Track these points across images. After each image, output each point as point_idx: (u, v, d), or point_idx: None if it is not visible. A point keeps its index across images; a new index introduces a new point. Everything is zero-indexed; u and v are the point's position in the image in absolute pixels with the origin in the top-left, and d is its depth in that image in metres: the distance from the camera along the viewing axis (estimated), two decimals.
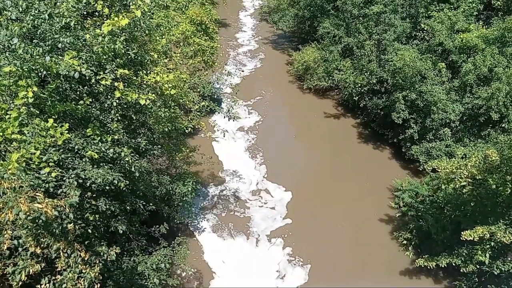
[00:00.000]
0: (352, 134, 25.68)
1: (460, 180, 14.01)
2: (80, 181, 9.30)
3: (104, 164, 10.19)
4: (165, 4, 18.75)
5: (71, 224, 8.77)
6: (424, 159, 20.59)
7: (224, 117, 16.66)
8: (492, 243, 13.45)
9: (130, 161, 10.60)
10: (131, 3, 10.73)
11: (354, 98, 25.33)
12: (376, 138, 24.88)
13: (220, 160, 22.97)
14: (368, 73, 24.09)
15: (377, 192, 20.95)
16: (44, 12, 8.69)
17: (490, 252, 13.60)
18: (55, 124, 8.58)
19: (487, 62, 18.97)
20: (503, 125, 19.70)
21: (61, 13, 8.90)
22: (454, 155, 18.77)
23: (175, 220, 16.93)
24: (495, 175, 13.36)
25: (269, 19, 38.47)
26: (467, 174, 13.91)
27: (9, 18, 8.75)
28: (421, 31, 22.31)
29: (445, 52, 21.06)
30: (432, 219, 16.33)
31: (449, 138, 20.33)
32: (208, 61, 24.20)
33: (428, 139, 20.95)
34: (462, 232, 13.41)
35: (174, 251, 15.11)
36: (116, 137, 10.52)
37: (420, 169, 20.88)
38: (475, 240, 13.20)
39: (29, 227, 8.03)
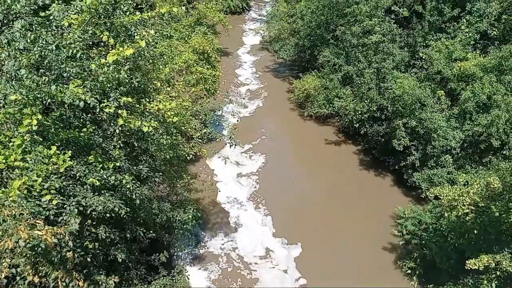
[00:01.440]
0: (353, 161, 25.68)
1: (463, 207, 13.91)
2: (81, 208, 9.27)
3: (105, 191, 10.18)
4: (168, 34, 19.25)
5: (70, 252, 8.68)
6: (426, 186, 20.49)
7: (226, 144, 16.75)
8: (498, 272, 13.20)
9: (132, 188, 10.60)
10: (136, 34, 11.02)
11: (355, 125, 25.50)
12: (377, 165, 24.86)
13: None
14: (368, 100, 24.35)
15: (380, 220, 20.74)
16: (52, 43, 8.93)
17: (496, 282, 13.31)
18: (58, 152, 8.64)
19: (485, 89, 19.20)
20: (504, 152, 19.73)
21: (68, 44, 9.13)
22: (456, 182, 18.70)
23: (176, 248, 16.72)
24: (498, 203, 13.27)
25: (270, 48, 39.24)
26: (470, 201, 13.82)
27: (16, 48, 8.98)
28: (419, 60, 22.71)
29: (444, 80, 21.36)
30: (436, 248, 16.09)
31: (450, 165, 20.31)
32: (210, 89, 24.54)
33: (430, 166, 20.93)
34: (466, 261, 13.18)
35: (174, 280, 14.84)
36: (118, 164, 10.56)
37: (423, 196, 20.74)
38: (480, 269, 12.96)
39: (28, 255, 7.95)
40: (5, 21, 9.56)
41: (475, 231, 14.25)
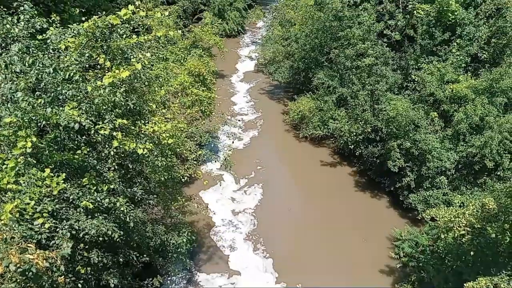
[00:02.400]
0: (349, 183, 25.64)
1: (459, 229, 13.85)
2: (74, 232, 9.12)
3: (98, 214, 10.04)
4: (164, 57, 19.49)
5: (62, 277, 8.48)
6: (422, 207, 20.45)
7: (221, 165, 16.71)
8: None
9: (126, 211, 10.47)
10: (132, 57, 11.13)
11: (350, 146, 25.60)
12: (373, 187, 24.84)
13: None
14: (363, 122, 24.55)
15: (376, 242, 20.56)
16: (49, 66, 8.98)
17: None
18: (52, 174, 8.56)
19: (478, 111, 19.47)
20: (499, 173, 19.85)
21: (65, 67, 9.19)
22: (452, 204, 18.70)
23: (170, 273, 16.40)
24: (494, 224, 13.23)
25: (265, 71, 39.73)
26: (466, 223, 13.78)
27: (13, 71, 9.02)
28: (412, 82, 23.06)
29: (437, 102, 21.65)
30: (433, 270, 15.92)
31: (445, 186, 20.34)
32: (206, 110, 24.66)
33: (425, 187, 20.95)
34: (465, 284, 13.02)
35: None
36: (112, 186, 10.46)
37: (419, 218, 20.63)
38: None
39: (18, 280, 7.75)
40: (3, 45, 9.64)
41: (472, 253, 14.14)
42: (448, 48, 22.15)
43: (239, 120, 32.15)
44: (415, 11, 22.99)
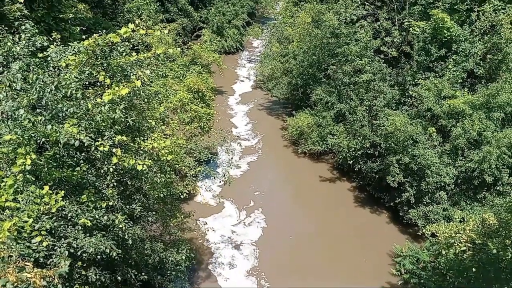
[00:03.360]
0: (348, 198, 25.55)
1: (460, 245, 13.76)
2: (72, 250, 9.03)
3: (97, 231, 9.96)
4: (164, 74, 19.60)
5: None
6: (422, 223, 20.35)
7: (220, 181, 16.65)
8: None
9: (124, 228, 10.39)
10: (131, 74, 11.21)
11: (349, 162, 25.61)
12: (372, 202, 24.74)
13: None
14: (361, 137, 24.62)
15: (377, 258, 20.37)
16: (50, 84, 9.04)
17: None
18: (50, 191, 8.52)
19: (475, 126, 19.57)
20: (498, 188, 19.83)
21: (66, 84, 9.25)
22: (452, 219, 18.60)
23: None
24: (495, 240, 13.15)
25: (263, 87, 40.01)
26: (467, 238, 13.70)
27: (14, 88, 9.07)
28: (409, 98, 23.23)
29: (434, 117, 21.76)
30: (435, 287, 15.73)
31: (445, 201, 20.30)
32: (205, 127, 24.74)
33: (425, 202, 20.88)
34: None
35: None
36: (110, 203, 10.41)
37: (420, 234, 20.51)
38: None
39: None
40: (4, 63, 9.72)
41: (474, 269, 14.02)
42: (445, 64, 22.38)
43: (238, 136, 32.21)
44: (411, 28, 23.33)
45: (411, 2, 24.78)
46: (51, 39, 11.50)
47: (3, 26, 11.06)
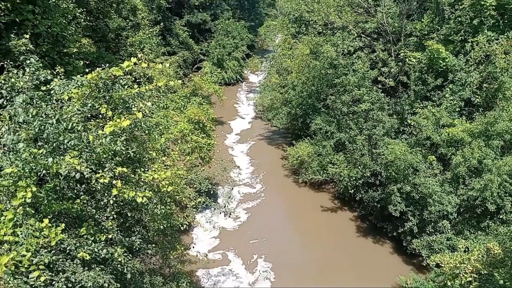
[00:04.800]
0: (350, 228, 25.24)
1: (465, 275, 13.48)
2: (70, 285, 8.84)
3: (95, 265, 9.78)
4: (165, 105, 19.83)
5: None
6: (426, 253, 20.01)
7: (220, 212, 16.53)
8: None
9: (123, 261, 10.21)
10: (133, 106, 11.34)
11: (350, 191, 25.47)
12: (375, 232, 24.41)
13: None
14: (362, 166, 24.61)
15: None
16: (52, 117, 9.15)
17: None
18: (50, 224, 8.45)
19: (475, 154, 19.60)
20: (501, 216, 19.64)
21: (68, 117, 9.35)
22: (456, 249, 18.28)
23: None
24: (501, 270, 12.90)
25: (263, 117, 40.40)
26: (472, 269, 13.43)
27: (16, 121, 9.17)
28: (408, 126, 23.40)
29: (434, 146, 21.84)
30: None
31: (449, 230, 20.05)
32: (205, 157, 24.78)
33: (428, 232, 20.61)
34: None
35: None
36: (110, 236, 10.28)
37: (424, 264, 20.13)
38: None
39: None
40: (8, 97, 9.86)
41: None
42: (442, 93, 22.70)
43: (238, 167, 32.18)
44: (407, 59, 23.82)
45: (406, 34, 25.41)
46: (55, 73, 11.72)
47: (8, 60, 11.31)
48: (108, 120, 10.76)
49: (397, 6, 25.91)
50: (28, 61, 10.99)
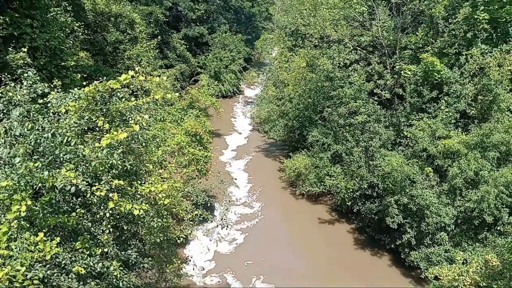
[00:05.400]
0: (348, 241, 25.11)
1: None
2: None
3: (90, 279, 9.66)
4: (162, 118, 19.85)
5: None
6: (424, 265, 19.91)
7: (217, 225, 16.42)
8: None
9: (119, 275, 10.09)
10: (130, 118, 11.35)
11: (347, 203, 25.43)
12: (373, 244, 24.30)
13: None
14: (359, 178, 24.62)
15: None
16: (48, 131, 9.14)
17: None
18: (45, 238, 8.36)
19: (471, 166, 19.67)
20: (499, 228, 19.63)
21: (64, 131, 9.35)
22: (454, 261, 18.20)
23: None
24: (500, 282, 12.83)
25: (260, 129, 40.51)
26: (470, 281, 13.37)
27: (12, 135, 9.15)
28: (404, 138, 23.51)
29: (430, 157, 21.91)
30: None
31: (446, 242, 19.99)
32: (202, 169, 24.72)
33: (426, 244, 20.54)
34: None
35: None
36: (105, 250, 10.17)
37: (422, 276, 20.02)
38: None
39: None
40: (5, 111, 9.86)
41: None
42: (437, 105, 22.88)
43: (235, 179, 32.10)
44: (402, 72, 24.06)
45: (401, 47, 25.71)
46: (52, 86, 11.75)
47: (6, 73, 11.34)
48: (105, 133, 10.76)
49: (392, 20, 26.28)
50: (25, 75, 11.03)
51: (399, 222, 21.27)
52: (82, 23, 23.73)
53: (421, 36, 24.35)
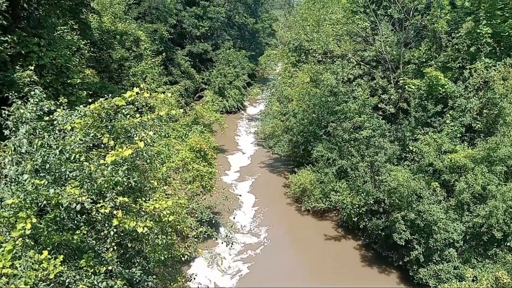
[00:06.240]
0: (355, 257, 24.73)
1: None
2: None
3: None
4: (166, 134, 19.92)
5: None
6: (433, 283, 19.54)
7: (222, 242, 16.25)
8: None
9: None
10: (135, 135, 11.37)
11: (353, 219, 25.14)
12: (380, 261, 23.91)
13: None
14: (365, 193, 24.40)
15: None
16: (55, 148, 9.16)
17: None
18: (49, 256, 8.29)
19: (479, 180, 19.44)
20: (508, 244, 19.27)
21: (70, 148, 9.37)
22: (464, 278, 17.87)
23: None
24: None
25: (265, 145, 40.48)
26: None
27: (19, 152, 9.18)
28: (410, 153, 23.36)
29: (437, 172, 21.70)
30: None
31: (455, 259, 19.63)
32: (207, 186, 24.63)
33: (435, 260, 20.18)
34: None
35: None
36: (110, 267, 10.06)
37: None
38: None
39: None
40: (13, 129, 9.92)
41: None
42: (442, 120, 22.78)
43: (240, 195, 31.95)
44: (406, 86, 24.07)
45: (405, 61, 25.81)
46: (58, 103, 11.83)
47: (13, 91, 11.45)
48: (110, 150, 10.77)
49: (395, 35, 26.45)
50: (32, 92, 11.13)
51: (407, 238, 20.96)
52: (88, 41, 24.07)
53: (424, 51, 24.44)
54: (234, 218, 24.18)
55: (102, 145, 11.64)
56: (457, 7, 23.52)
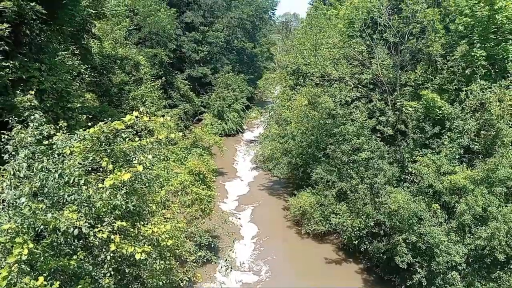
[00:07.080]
0: (357, 282, 24.28)
1: None
2: None
3: None
4: (165, 157, 19.92)
5: None
6: None
7: (221, 267, 16.00)
8: None
9: None
10: (134, 159, 11.36)
11: (354, 242, 24.84)
12: (383, 285, 23.50)
13: None
14: (365, 216, 24.20)
15: None
16: (54, 172, 9.15)
17: None
18: (45, 283, 8.13)
19: (479, 202, 19.34)
20: None
21: (69, 172, 9.36)
22: None
23: None
24: None
25: (264, 167, 40.38)
26: None
27: (17, 176, 9.15)
28: (409, 175, 23.29)
29: (437, 194, 21.60)
30: None
31: (459, 282, 19.30)
32: (206, 209, 24.43)
33: (438, 284, 19.84)
34: None
35: None
36: None
37: None
38: None
39: None
40: (12, 153, 9.94)
41: None
42: (440, 141, 22.84)
43: (239, 218, 31.65)
44: (403, 108, 24.27)
45: (401, 84, 26.11)
46: (58, 127, 11.87)
47: (13, 116, 11.52)
48: (108, 173, 10.74)
49: (391, 58, 26.87)
50: (32, 117, 11.19)
51: (409, 262, 20.67)
52: (89, 65, 24.36)
53: (420, 73, 24.77)
54: (234, 252, 23.58)
55: (101, 169, 11.62)
56: (451, 30, 23.98)
